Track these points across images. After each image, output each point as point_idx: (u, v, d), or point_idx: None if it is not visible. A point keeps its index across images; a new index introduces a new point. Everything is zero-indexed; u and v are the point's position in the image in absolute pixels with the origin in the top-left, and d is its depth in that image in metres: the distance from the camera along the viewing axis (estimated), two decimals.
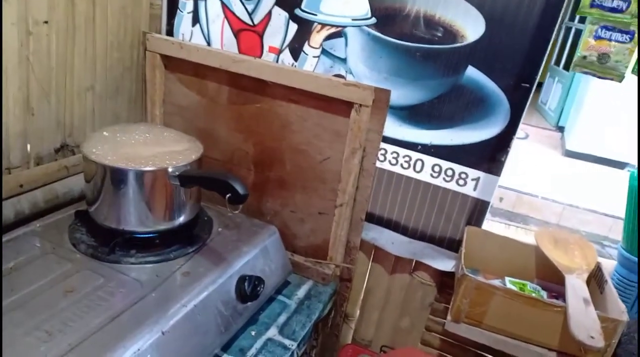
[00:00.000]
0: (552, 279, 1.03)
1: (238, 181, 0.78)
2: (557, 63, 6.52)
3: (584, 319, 0.79)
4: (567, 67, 6.00)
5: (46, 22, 0.91)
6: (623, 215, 1.30)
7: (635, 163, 4.44)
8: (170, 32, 1.18)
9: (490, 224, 2.85)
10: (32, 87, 0.93)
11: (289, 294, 1.05)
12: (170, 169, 0.84)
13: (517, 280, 1.03)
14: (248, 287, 0.89)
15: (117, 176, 0.83)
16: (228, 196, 0.77)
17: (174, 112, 1.21)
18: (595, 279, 0.98)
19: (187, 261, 0.88)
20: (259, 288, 0.90)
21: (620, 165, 4.95)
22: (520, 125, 0.95)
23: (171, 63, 1.16)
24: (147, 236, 0.89)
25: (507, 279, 1.03)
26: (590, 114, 5.03)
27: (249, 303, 0.90)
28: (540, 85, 6.84)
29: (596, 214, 3.94)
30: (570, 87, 5.91)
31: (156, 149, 0.91)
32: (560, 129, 6.01)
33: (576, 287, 0.88)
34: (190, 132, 1.18)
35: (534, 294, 0.99)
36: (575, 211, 3.99)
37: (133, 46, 1.15)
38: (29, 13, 0.88)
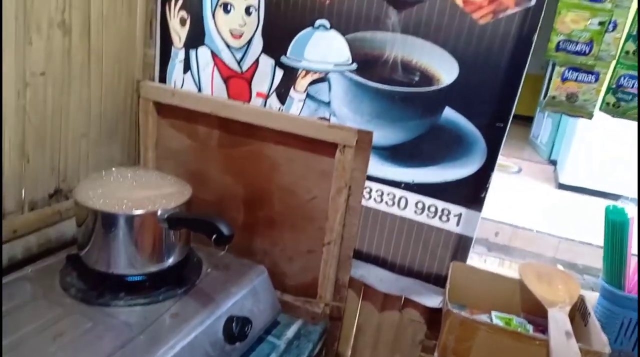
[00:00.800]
0: (538, 312, 1.04)
1: (223, 222, 0.80)
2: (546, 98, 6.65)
3: (565, 352, 0.80)
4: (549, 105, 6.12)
5: (43, 73, 0.96)
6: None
7: (629, 195, 4.49)
8: (162, 79, 1.23)
9: (485, 259, 2.85)
10: (28, 134, 0.97)
11: (278, 334, 1.05)
12: (159, 212, 0.87)
13: (504, 314, 1.04)
14: (236, 328, 0.90)
15: (107, 220, 0.86)
16: (214, 237, 0.80)
17: (166, 155, 1.25)
18: (580, 312, 0.99)
19: (176, 303, 0.89)
20: (246, 329, 0.91)
21: (614, 197, 4.99)
22: (513, 160, 0.99)
23: (163, 109, 1.21)
24: (136, 279, 0.90)
25: (493, 313, 1.04)
26: (580, 147, 5.11)
27: (237, 344, 0.90)
28: (531, 119, 6.98)
29: (592, 247, 3.93)
30: (560, 121, 6.03)
31: (146, 193, 0.94)
32: (553, 163, 6.08)
33: (558, 320, 0.89)
34: (182, 175, 1.21)
35: (519, 329, 1.00)
36: (571, 243, 3.99)
37: (127, 93, 1.20)
38: (27, 65, 0.93)
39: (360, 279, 1.18)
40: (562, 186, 5.25)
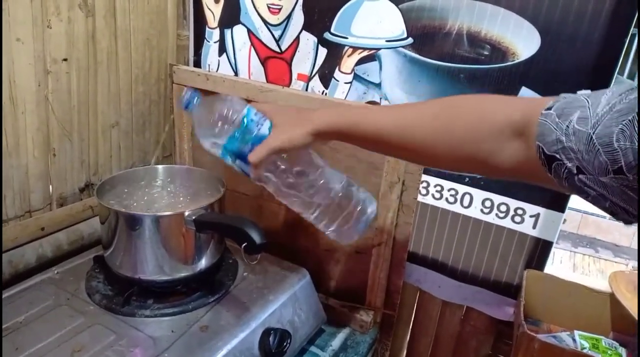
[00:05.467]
0: (632, 331, 0.87)
1: (255, 229, 0.69)
2: (621, 72, 6.10)
3: None
4: (632, 77, 5.61)
5: (65, 59, 0.89)
6: None
7: None
8: (197, 63, 1.13)
9: (553, 252, 2.62)
10: (53, 127, 0.90)
11: (322, 345, 0.94)
12: (186, 213, 0.77)
13: (589, 334, 0.87)
14: (273, 343, 0.79)
15: (130, 222, 0.77)
16: (244, 245, 0.69)
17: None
18: None
19: (207, 312, 0.80)
20: (285, 343, 0.81)
21: None
22: None
23: None
24: (164, 285, 0.82)
25: (576, 332, 0.88)
26: None
27: None
28: None
29: None
30: None
31: (175, 192, 0.85)
32: None
33: None
34: (219, 167, 1.11)
35: (610, 353, 0.84)
36: None
37: (160, 79, 1.11)
38: (47, 51, 0.85)
39: (415, 285, 1.05)
40: None
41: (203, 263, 0.85)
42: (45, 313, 0.77)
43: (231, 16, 1.05)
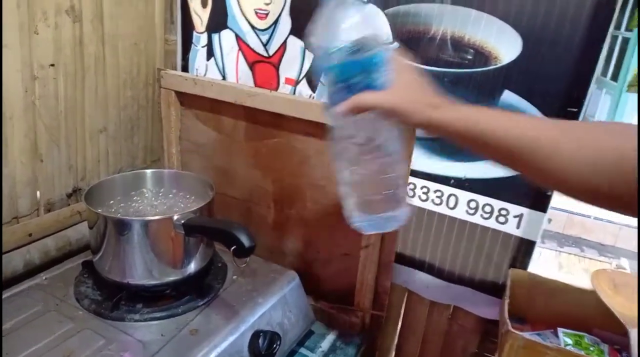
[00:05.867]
0: (613, 328, 0.88)
1: (244, 232, 0.70)
2: (604, 74, 6.20)
3: None
4: (615, 78, 5.70)
5: (52, 65, 0.89)
6: None
7: None
8: (185, 68, 1.14)
9: (539, 252, 2.65)
10: (40, 132, 0.90)
11: (312, 346, 0.95)
12: (175, 217, 0.78)
13: (572, 331, 0.89)
14: (263, 345, 0.80)
15: (118, 226, 0.77)
16: (233, 248, 0.69)
17: (191, 149, 1.16)
18: None
19: (197, 316, 0.81)
20: (275, 345, 0.81)
21: None
22: None
23: (187, 99, 1.11)
24: (153, 289, 0.82)
25: (560, 330, 0.90)
26: None
27: None
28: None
29: None
30: (620, 99, 5.59)
31: (163, 195, 0.85)
32: None
33: None
34: (207, 170, 1.13)
35: (592, 349, 0.86)
36: (632, 231, 3.69)
37: (147, 84, 1.11)
38: (34, 57, 0.85)
39: (403, 286, 1.06)
40: None
41: (192, 267, 0.85)
42: (34, 319, 0.77)
43: (219, 21, 1.06)
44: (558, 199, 0.89)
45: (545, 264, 2.32)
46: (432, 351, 1.09)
